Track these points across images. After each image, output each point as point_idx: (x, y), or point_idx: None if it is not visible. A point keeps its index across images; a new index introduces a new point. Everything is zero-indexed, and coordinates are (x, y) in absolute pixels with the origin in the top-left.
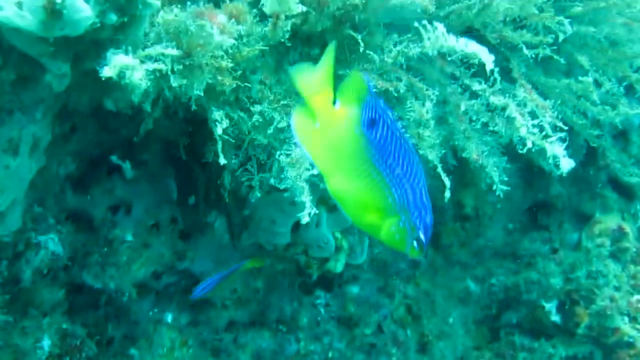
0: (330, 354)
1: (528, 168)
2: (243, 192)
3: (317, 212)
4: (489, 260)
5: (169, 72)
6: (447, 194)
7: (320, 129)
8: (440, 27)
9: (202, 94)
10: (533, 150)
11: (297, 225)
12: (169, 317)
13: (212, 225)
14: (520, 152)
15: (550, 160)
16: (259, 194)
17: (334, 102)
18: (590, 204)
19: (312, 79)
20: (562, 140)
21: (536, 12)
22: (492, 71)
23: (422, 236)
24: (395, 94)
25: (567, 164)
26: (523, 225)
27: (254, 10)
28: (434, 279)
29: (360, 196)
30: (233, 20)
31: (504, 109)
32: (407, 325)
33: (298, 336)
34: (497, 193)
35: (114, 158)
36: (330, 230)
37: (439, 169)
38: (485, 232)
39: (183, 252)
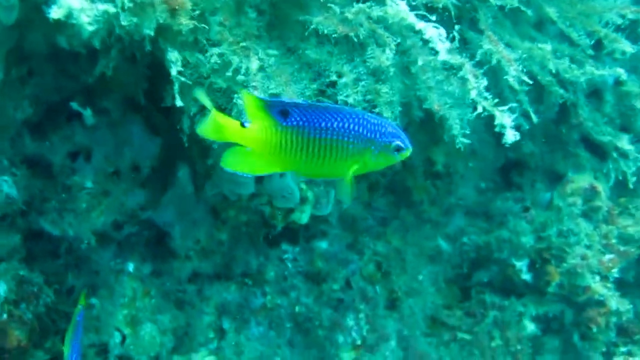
0: (297, 309)
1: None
2: (207, 141)
3: None
4: (461, 218)
5: (119, 11)
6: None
7: (253, 151)
8: (403, 4)
9: (152, 34)
10: (482, 115)
11: (261, 177)
12: (131, 267)
13: (175, 174)
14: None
15: (497, 129)
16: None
17: (243, 124)
18: (563, 163)
19: (212, 127)
20: (512, 111)
21: None
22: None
23: (398, 142)
24: (355, 39)
25: (511, 136)
26: (496, 184)
27: None
28: (405, 237)
29: (327, 164)
30: None
31: (459, 68)
32: (377, 282)
33: (264, 290)
34: (458, 146)
35: (74, 104)
36: (295, 181)
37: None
38: (456, 191)
39: (145, 200)
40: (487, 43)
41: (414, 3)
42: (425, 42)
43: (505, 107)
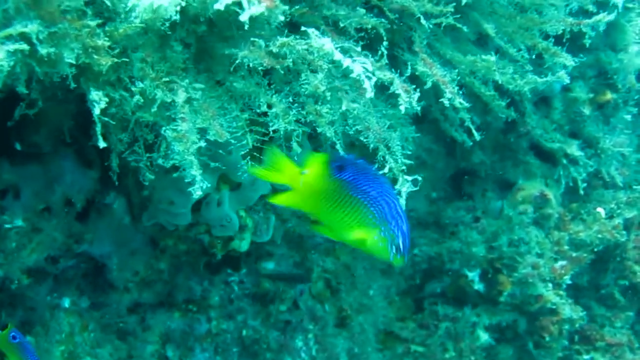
0: (244, 332)
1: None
2: (141, 173)
3: (209, 185)
4: (412, 230)
5: (36, 41)
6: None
7: (301, 190)
8: (327, 42)
9: (75, 70)
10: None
11: (199, 205)
12: (67, 302)
13: (111, 206)
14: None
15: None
16: (150, 176)
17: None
18: (513, 171)
19: (272, 170)
20: (414, 183)
21: None
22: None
23: (400, 243)
24: (282, 72)
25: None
26: (447, 193)
27: None
28: (354, 252)
29: (345, 220)
30: None
31: (390, 84)
32: (326, 300)
33: (210, 315)
34: (401, 168)
35: None
36: (233, 209)
37: (338, 146)
38: (407, 202)
39: (80, 234)
40: (422, 65)
41: (342, 25)
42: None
43: (410, 178)
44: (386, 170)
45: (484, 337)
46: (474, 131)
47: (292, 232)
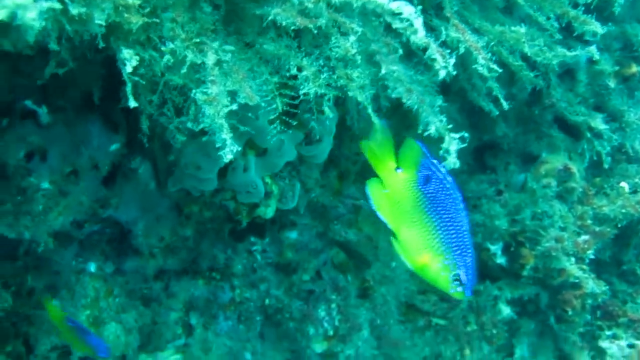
0: (267, 301)
1: (473, 107)
2: (167, 137)
3: (239, 149)
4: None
5: (68, 0)
6: (377, 135)
7: (389, 194)
8: None
9: (104, 30)
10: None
11: (224, 171)
12: (92, 267)
13: (137, 171)
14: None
15: (441, 152)
16: (181, 137)
17: (397, 169)
18: (537, 144)
19: (378, 155)
20: (462, 140)
21: None
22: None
23: (462, 275)
24: (316, 31)
25: (452, 163)
26: (470, 166)
27: None
28: (377, 223)
29: (416, 240)
30: None
31: (425, 49)
32: (348, 271)
33: (233, 283)
34: (425, 135)
35: (29, 103)
36: (259, 175)
37: (370, 110)
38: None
39: (106, 199)
40: (454, 31)
41: None
42: (388, 25)
43: (457, 135)
44: (432, 130)
45: (506, 310)
46: (502, 100)
47: (315, 201)
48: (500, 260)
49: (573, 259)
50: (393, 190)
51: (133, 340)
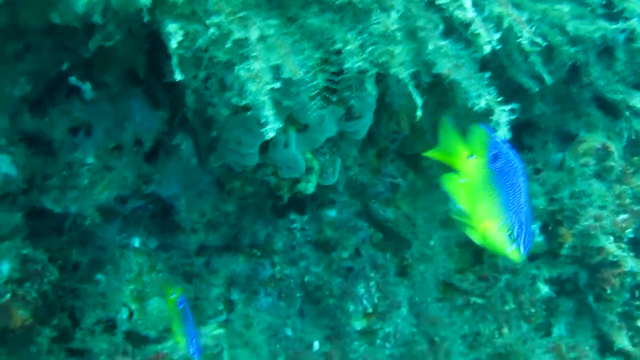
0: (306, 278)
1: (509, 86)
2: (209, 112)
3: (281, 125)
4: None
5: None
6: (419, 112)
7: (466, 182)
8: None
9: (149, 3)
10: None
11: (266, 146)
12: (137, 242)
13: (179, 147)
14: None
15: (492, 124)
16: (224, 112)
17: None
18: (575, 123)
19: (451, 151)
20: (512, 112)
21: None
22: None
23: (516, 233)
24: (360, 5)
25: (503, 134)
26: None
27: None
28: (415, 202)
29: (481, 210)
30: None
31: (468, 25)
32: (387, 249)
33: (273, 260)
34: (475, 109)
35: (73, 79)
36: (300, 151)
37: (410, 87)
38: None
39: (149, 175)
40: (497, 6)
41: None
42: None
43: (507, 107)
44: (482, 104)
45: (544, 289)
46: (545, 74)
47: (354, 179)
48: (538, 239)
49: (612, 238)
50: (469, 176)
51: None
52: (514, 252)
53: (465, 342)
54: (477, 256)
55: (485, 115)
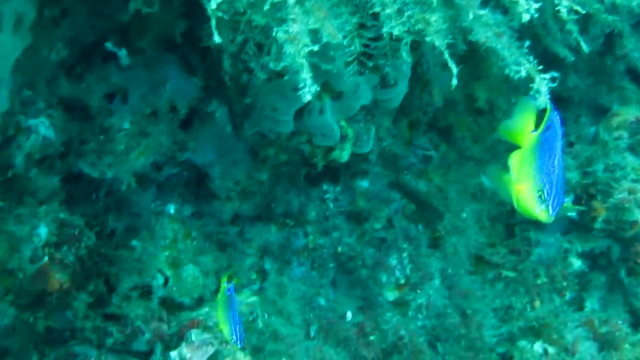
0: (339, 249)
1: (542, 58)
2: (244, 79)
3: (318, 89)
4: (503, 155)
5: None
6: (454, 81)
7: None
8: None
9: None
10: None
11: (300, 114)
12: (172, 209)
13: (213, 114)
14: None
15: (531, 92)
16: (261, 76)
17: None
18: (608, 96)
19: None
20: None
21: None
22: None
23: (546, 193)
24: None
25: (543, 102)
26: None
27: None
28: (447, 175)
29: (518, 174)
30: None
31: None
32: (419, 221)
33: (306, 230)
34: (512, 75)
35: (109, 45)
36: (334, 118)
37: (446, 55)
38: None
39: (184, 142)
40: None
41: None
42: None
43: (547, 75)
44: (522, 72)
45: (577, 263)
46: (582, 42)
47: (387, 150)
48: (572, 213)
49: None
50: (524, 148)
51: (210, 283)
52: (542, 213)
53: (497, 316)
54: (509, 230)
55: (518, 88)
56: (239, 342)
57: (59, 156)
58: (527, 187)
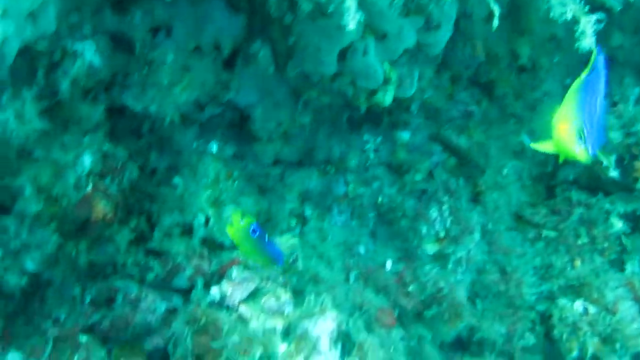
0: (380, 199)
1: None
2: (287, 20)
3: (363, 18)
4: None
5: None
6: (496, 22)
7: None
8: None
9: None
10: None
11: (344, 55)
12: (214, 147)
13: (257, 55)
14: None
15: (577, 34)
16: (306, 8)
17: None
18: None
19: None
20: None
21: None
22: None
23: (590, 141)
24: None
25: (588, 43)
26: None
27: None
28: (488, 131)
29: (558, 115)
30: None
31: None
32: (460, 175)
33: (347, 178)
34: (556, 17)
35: None
36: (378, 60)
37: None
38: (541, 85)
39: (227, 82)
40: None
41: None
42: None
43: (593, 17)
44: (568, 14)
45: (618, 224)
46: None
47: (428, 103)
48: (613, 173)
49: None
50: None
51: None
52: (582, 152)
53: (537, 274)
54: (550, 191)
55: (561, 46)
56: (280, 259)
57: (103, 89)
58: (567, 126)
